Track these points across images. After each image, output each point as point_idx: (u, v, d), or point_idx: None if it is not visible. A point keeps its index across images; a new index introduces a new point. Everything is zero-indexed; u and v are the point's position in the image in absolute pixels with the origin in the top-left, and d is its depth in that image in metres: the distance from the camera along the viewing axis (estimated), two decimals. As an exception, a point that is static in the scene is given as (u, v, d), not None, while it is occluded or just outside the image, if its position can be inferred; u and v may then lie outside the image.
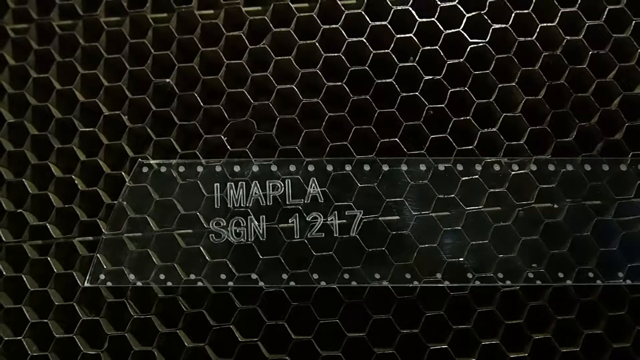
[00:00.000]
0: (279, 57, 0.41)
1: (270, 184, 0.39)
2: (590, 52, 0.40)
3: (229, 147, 0.40)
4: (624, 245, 0.38)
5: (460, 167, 0.39)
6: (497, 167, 0.39)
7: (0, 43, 0.42)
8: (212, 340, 0.38)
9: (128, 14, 0.42)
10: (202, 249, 0.39)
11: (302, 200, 0.39)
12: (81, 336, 0.39)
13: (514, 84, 0.40)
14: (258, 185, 0.39)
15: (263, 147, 0.40)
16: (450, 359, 0.38)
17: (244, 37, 0.41)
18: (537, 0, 0.41)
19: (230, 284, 0.38)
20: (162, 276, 0.38)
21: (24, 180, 0.40)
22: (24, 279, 0.39)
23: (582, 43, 0.41)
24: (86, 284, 0.39)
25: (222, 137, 0.40)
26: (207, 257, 0.39)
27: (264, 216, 0.39)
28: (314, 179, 0.39)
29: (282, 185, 0.39)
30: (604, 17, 0.41)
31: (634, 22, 0.41)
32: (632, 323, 0.38)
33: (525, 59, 0.41)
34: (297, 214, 0.39)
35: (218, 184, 0.39)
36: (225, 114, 0.40)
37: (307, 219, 0.39)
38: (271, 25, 0.42)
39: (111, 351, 0.39)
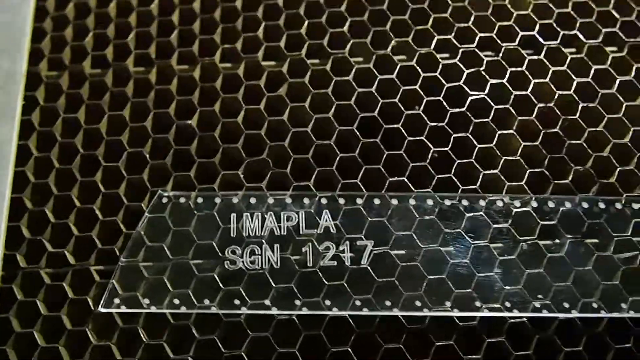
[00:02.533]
0: (294, 104, 0.44)
1: (285, 215, 0.41)
2: (580, 105, 0.44)
3: (245, 183, 0.42)
4: (625, 280, 0.40)
5: (465, 203, 0.41)
6: (500, 203, 0.41)
7: (34, 86, 0.45)
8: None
9: (155, 64, 0.46)
10: (216, 277, 0.40)
11: (315, 231, 0.41)
12: (91, 361, 0.39)
13: (512, 131, 0.44)
14: (273, 216, 0.41)
15: (278, 186, 0.42)
16: (462, 388, 0.38)
17: (261, 86, 0.45)
18: (529, 61, 0.46)
19: (244, 309, 0.39)
20: (176, 301, 0.39)
21: (45, 209, 0.42)
22: (38, 303, 0.40)
23: (573, 97, 0.45)
24: (100, 309, 0.39)
25: (240, 174, 0.42)
26: (220, 285, 0.39)
27: (278, 245, 0.40)
28: (327, 211, 0.41)
29: (297, 216, 0.41)
30: (591, 75, 0.45)
31: (618, 80, 0.45)
32: (638, 354, 0.39)
33: (521, 110, 0.44)
34: (310, 244, 0.40)
35: (234, 215, 0.41)
36: (243, 153, 0.43)
37: (319, 248, 0.40)
38: (287, 76, 0.45)
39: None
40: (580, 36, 0.46)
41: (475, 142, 0.43)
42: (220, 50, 0.46)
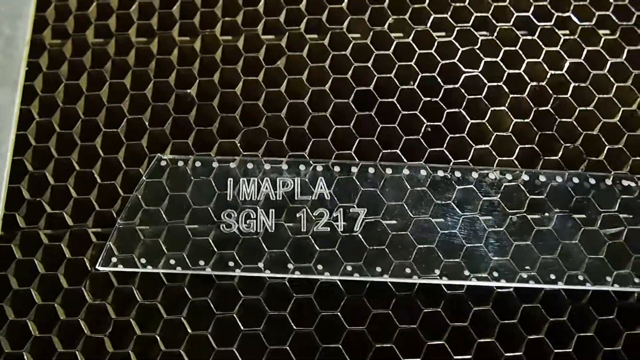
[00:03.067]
0: (291, 77, 0.45)
1: (281, 182, 0.42)
2: (572, 85, 0.45)
3: (242, 151, 0.43)
4: (610, 255, 0.41)
5: (457, 175, 0.42)
6: (491, 176, 0.42)
7: (37, 53, 0.46)
8: (215, 329, 0.39)
9: (156, 35, 0.47)
10: (210, 241, 0.40)
11: (310, 197, 0.42)
12: (85, 321, 0.39)
13: (505, 108, 0.45)
14: (269, 182, 0.42)
15: (273, 155, 0.43)
16: (447, 354, 0.39)
17: (260, 59, 0.46)
18: (523, 41, 0.47)
19: (238, 271, 0.40)
20: (171, 261, 0.40)
21: (45, 172, 0.42)
22: (36, 263, 0.41)
23: (565, 77, 0.46)
24: (98, 267, 0.40)
25: (237, 142, 0.43)
26: (215, 248, 0.40)
27: (273, 210, 0.41)
28: (322, 179, 0.42)
29: (292, 183, 0.42)
30: (583, 56, 0.46)
31: (609, 61, 0.46)
32: (622, 327, 0.40)
33: (514, 88, 0.45)
34: (304, 210, 0.41)
35: (231, 180, 0.42)
36: (240, 123, 0.44)
37: (313, 215, 0.41)
38: (286, 50, 0.46)
39: (114, 336, 0.39)
40: (574, 18, 0.47)
41: (467, 118, 0.44)
42: (221, 23, 0.47)
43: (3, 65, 0.44)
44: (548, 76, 0.45)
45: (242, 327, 0.39)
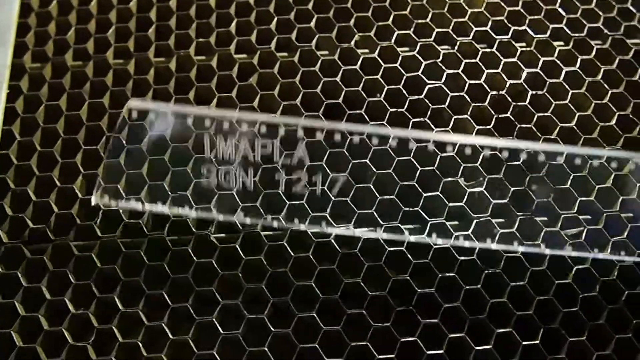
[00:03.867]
0: (264, 92, 0.47)
1: (260, 143, 0.43)
2: (530, 93, 0.48)
3: (217, 166, 0.45)
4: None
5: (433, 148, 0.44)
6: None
7: (18, 77, 0.48)
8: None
9: (133, 56, 0.49)
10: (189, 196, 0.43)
11: (290, 160, 0.43)
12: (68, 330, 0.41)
13: (467, 116, 0.47)
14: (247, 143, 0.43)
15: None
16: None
17: (233, 76, 0.48)
18: (482, 53, 0.49)
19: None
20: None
21: (27, 189, 0.44)
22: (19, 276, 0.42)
23: (523, 86, 0.48)
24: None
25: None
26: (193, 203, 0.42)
27: (251, 170, 0.43)
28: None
29: (272, 145, 0.43)
30: (540, 66, 0.49)
31: (564, 70, 0.49)
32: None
33: (475, 97, 0.48)
34: (283, 171, 0.43)
35: (208, 138, 0.43)
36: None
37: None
38: (257, 67, 0.49)
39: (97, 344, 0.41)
40: (530, 31, 0.50)
41: (432, 126, 0.46)
42: (195, 43, 0.49)
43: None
44: (507, 85, 0.48)
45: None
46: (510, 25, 0.50)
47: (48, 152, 0.45)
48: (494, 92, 0.48)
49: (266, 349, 0.39)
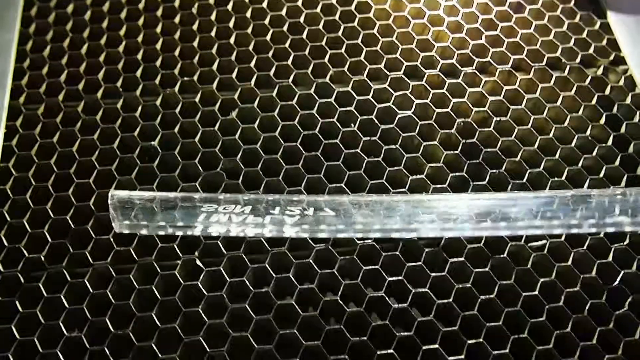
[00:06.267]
0: (245, 125, 0.51)
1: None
2: (494, 119, 0.51)
3: (201, 191, 0.48)
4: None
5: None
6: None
7: (14, 117, 0.51)
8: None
9: (122, 96, 0.52)
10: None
11: None
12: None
13: (436, 142, 0.50)
14: None
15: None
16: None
17: (216, 111, 0.51)
18: (449, 84, 0.53)
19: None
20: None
21: (23, 221, 0.47)
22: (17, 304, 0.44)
23: (487, 113, 0.52)
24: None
25: (197, 185, 0.48)
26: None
27: None
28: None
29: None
30: (503, 94, 0.52)
31: (526, 97, 0.52)
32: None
33: (443, 124, 0.51)
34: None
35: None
36: (200, 168, 0.49)
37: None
38: (239, 102, 0.52)
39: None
40: (493, 63, 0.54)
41: (403, 152, 0.50)
42: (180, 82, 0.53)
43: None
44: (473, 113, 0.51)
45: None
46: (474, 58, 0.54)
47: (42, 187, 0.48)
48: (461, 120, 0.51)
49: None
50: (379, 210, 0.45)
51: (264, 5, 0.57)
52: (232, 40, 0.55)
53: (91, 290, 0.44)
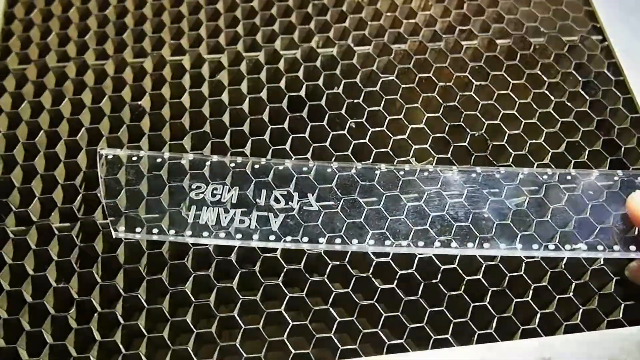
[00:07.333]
0: (231, 87, 0.52)
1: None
2: (475, 84, 0.53)
3: (188, 151, 0.49)
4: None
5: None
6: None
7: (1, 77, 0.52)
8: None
9: (111, 58, 0.53)
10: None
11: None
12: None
13: (417, 105, 0.51)
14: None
15: (217, 152, 0.49)
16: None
17: (202, 74, 0.52)
18: (430, 50, 0.54)
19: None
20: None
21: (11, 176, 0.47)
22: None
23: (468, 78, 0.53)
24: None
25: (183, 144, 0.49)
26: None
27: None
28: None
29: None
30: (483, 60, 0.54)
31: (505, 64, 0.53)
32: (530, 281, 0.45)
33: (425, 88, 0.52)
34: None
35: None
36: (187, 127, 0.50)
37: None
38: (225, 65, 0.53)
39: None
40: (474, 31, 0.55)
41: (386, 114, 0.51)
42: (168, 45, 0.54)
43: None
44: (454, 78, 0.53)
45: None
46: (456, 25, 0.55)
47: (31, 144, 0.49)
48: (442, 84, 0.52)
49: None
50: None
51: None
52: (219, 5, 0.56)
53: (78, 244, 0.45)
